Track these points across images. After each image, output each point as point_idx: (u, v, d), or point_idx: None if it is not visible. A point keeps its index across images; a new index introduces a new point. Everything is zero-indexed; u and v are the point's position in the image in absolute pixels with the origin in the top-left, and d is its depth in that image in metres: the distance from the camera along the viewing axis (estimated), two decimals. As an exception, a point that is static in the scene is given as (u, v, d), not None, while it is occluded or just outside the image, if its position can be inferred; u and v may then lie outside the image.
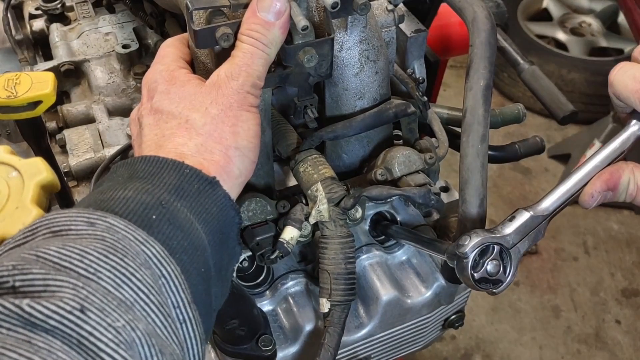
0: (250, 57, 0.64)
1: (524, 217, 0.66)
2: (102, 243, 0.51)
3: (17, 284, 0.46)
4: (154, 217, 0.55)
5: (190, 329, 0.54)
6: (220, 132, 0.63)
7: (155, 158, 0.60)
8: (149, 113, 0.66)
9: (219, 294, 0.62)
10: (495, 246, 0.65)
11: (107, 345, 0.45)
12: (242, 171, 0.65)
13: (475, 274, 0.64)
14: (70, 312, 0.45)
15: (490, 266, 0.65)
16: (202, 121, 0.63)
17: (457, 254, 0.64)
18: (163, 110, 0.65)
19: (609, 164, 0.66)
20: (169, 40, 0.74)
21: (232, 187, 0.63)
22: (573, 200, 0.66)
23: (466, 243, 0.64)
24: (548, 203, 0.66)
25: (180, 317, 0.53)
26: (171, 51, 0.72)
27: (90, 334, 0.45)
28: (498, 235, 0.65)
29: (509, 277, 0.66)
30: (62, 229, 0.52)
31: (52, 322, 0.44)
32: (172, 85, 0.66)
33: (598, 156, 0.66)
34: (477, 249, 0.64)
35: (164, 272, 0.53)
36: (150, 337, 0.48)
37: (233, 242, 0.64)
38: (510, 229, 0.65)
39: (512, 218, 0.66)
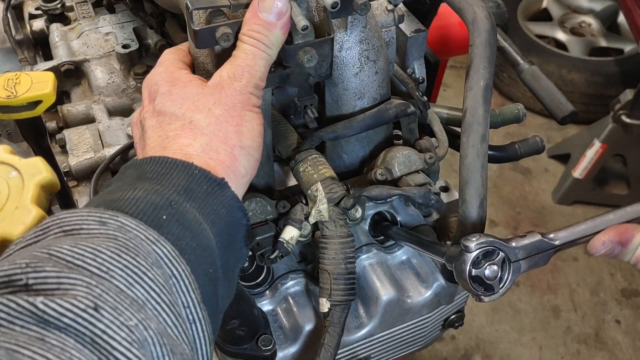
0: (253, 58, 0.64)
1: (535, 237, 0.66)
2: (115, 242, 0.51)
3: (31, 281, 0.46)
4: (164, 217, 0.55)
5: (200, 329, 0.54)
6: (225, 132, 0.63)
7: (164, 159, 0.60)
8: (152, 115, 0.66)
9: (225, 294, 0.62)
10: (500, 252, 0.65)
11: (120, 343, 0.45)
12: (247, 170, 0.65)
13: (473, 270, 0.65)
14: (83, 310, 0.45)
15: (488, 270, 0.65)
16: (206, 121, 0.63)
17: (463, 246, 0.65)
18: (166, 112, 0.65)
19: (627, 222, 0.67)
20: (168, 49, 0.74)
21: (239, 186, 0.63)
22: (584, 242, 0.67)
23: (474, 239, 0.65)
24: (561, 235, 0.67)
25: (190, 317, 0.53)
26: (171, 56, 0.72)
27: (104, 332, 0.45)
28: (506, 244, 0.65)
29: (503, 288, 0.66)
30: (73, 228, 0.52)
31: (65, 320, 0.44)
32: (174, 86, 0.66)
33: (620, 211, 0.67)
34: (483, 248, 0.64)
35: (175, 272, 0.53)
36: (161, 337, 0.48)
37: (240, 244, 0.64)
38: (519, 243, 0.66)
39: (523, 236, 0.67)
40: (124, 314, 0.46)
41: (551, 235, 0.67)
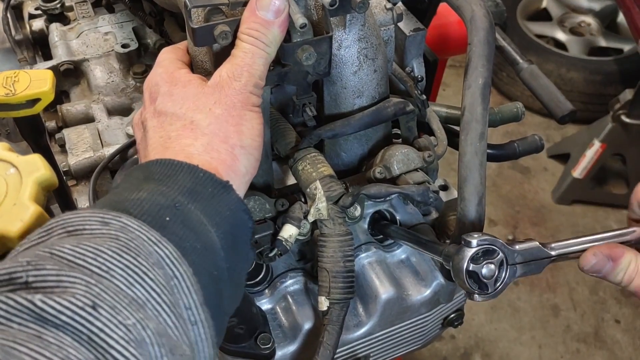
0: (251, 57, 0.64)
1: (533, 244, 0.67)
2: (116, 242, 0.51)
3: (30, 279, 0.46)
4: (167, 218, 0.55)
5: (201, 331, 0.54)
6: (225, 132, 0.63)
7: (170, 161, 0.60)
8: (153, 116, 0.66)
9: (232, 297, 0.62)
10: (500, 253, 0.65)
11: (117, 342, 0.45)
12: (247, 169, 0.65)
13: (471, 265, 0.65)
14: (81, 309, 0.45)
15: (486, 269, 0.65)
16: (206, 121, 0.63)
17: (464, 241, 0.65)
18: (167, 112, 0.65)
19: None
20: (166, 48, 0.75)
21: (240, 185, 0.64)
22: (577, 257, 0.68)
23: (476, 235, 0.65)
24: (558, 246, 0.68)
25: (192, 319, 0.53)
26: (169, 55, 0.72)
27: (101, 330, 0.45)
28: (507, 246, 0.66)
29: (496, 289, 0.66)
30: (76, 228, 0.52)
31: (63, 318, 0.44)
32: (174, 86, 0.66)
33: (615, 232, 0.69)
34: (484, 245, 0.65)
35: (176, 273, 0.53)
36: (160, 337, 0.48)
37: (245, 246, 0.64)
38: (519, 247, 0.66)
39: (522, 241, 0.68)
40: (122, 313, 0.46)
41: (550, 245, 0.67)
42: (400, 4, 0.87)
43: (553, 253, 0.67)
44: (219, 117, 0.63)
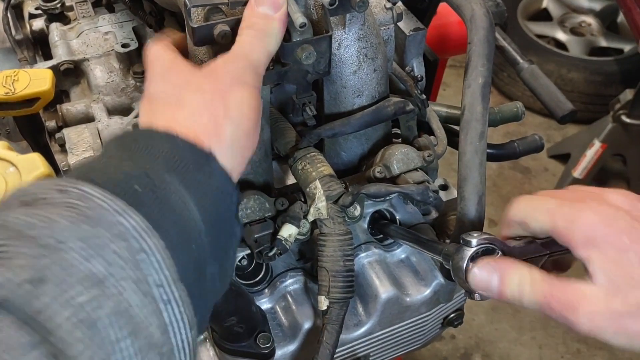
0: (250, 46, 0.63)
1: (530, 241, 0.67)
2: (72, 211, 0.46)
3: None
4: (136, 187, 0.51)
5: (176, 310, 0.48)
6: (209, 104, 0.59)
7: (147, 130, 0.58)
8: (146, 102, 0.64)
9: (218, 276, 0.57)
10: (500, 252, 0.65)
11: (64, 322, 0.41)
12: (234, 140, 0.60)
13: (470, 264, 0.65)
14: (21, 284, 0.41)
15: None
16: (192, 97, 0.60)
17: (463, 241, 0.65)
18: (158, 94, 0.63)
19: None
20: (155, 45, 0.69)
21: (225, 156, 0.59)
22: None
23: (476, 235, 0.65)
24: (554, 242, 0.67)
25: (164, 297, 0.47)
26: (163, 51, 0.70)
27: (46, 308, 0.41)
28: (506, 244, 0.66)
29: None
30: (32, 198, 0.48)
31: (3, 293, 0.40)
32: (168, 71, 0.65)
33: None
34: (484, 244, 0.64)
35: (144, 246, 0.47)
36: (120, 317, 0.44)
37: (230, 220, 0.59)
38: (517, 245, 0.66)
39: (519, 238, 0.67)
40: (71, 290, 0.42)
41: (545, 242, 0.67)
42: (400, 3, 0.87)
43: (549, 250, 0.67)
44: (206, 92, 0.60)
